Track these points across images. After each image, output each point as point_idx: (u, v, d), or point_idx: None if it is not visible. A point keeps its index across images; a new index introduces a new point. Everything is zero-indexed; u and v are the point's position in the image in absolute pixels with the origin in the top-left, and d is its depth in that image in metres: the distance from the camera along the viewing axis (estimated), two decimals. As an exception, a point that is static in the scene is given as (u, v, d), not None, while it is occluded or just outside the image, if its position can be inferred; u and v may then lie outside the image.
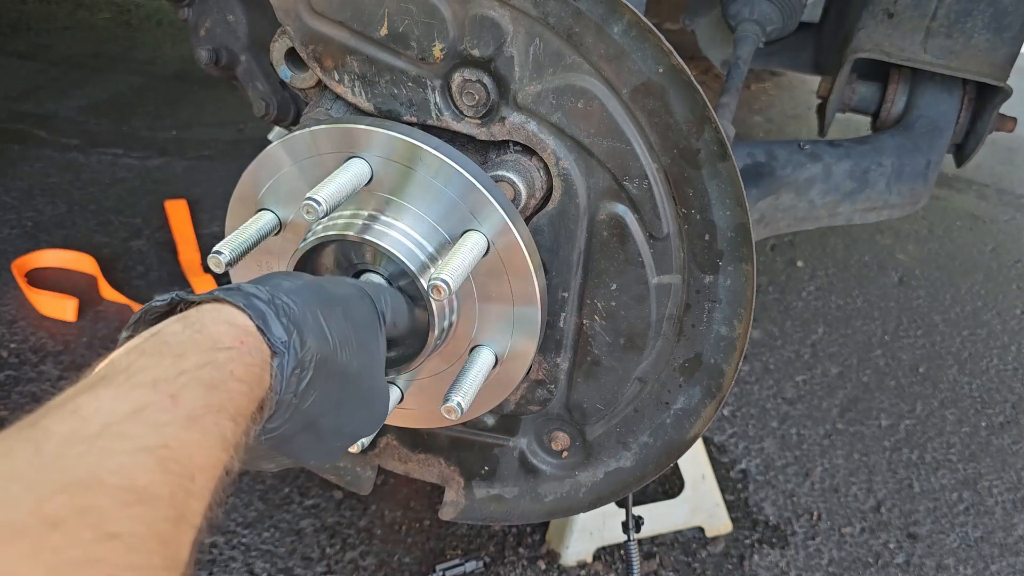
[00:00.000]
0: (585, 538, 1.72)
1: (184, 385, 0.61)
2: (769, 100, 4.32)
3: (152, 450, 0.54)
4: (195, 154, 3.14)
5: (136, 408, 0.57)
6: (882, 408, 2.30)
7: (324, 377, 0.77)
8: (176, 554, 0.52)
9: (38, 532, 0.45)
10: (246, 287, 0.74)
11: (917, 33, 1.66)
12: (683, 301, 1.10)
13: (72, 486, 0.49)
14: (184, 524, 0.54)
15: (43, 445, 0.51)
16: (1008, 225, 3.45)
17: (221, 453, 0.60)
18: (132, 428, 0.55)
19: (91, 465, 0.51)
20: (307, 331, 0.75)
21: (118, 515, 0.49)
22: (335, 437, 0.85)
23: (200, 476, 0.57)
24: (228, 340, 0.67)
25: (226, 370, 0.65)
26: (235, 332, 0.69)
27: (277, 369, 0.71)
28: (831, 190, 1.66)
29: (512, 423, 1.27)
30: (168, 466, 0.54)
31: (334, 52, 1.04)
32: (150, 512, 0.51)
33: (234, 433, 0.63)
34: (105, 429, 0.54)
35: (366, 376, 0.85)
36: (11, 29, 4.09)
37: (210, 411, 0.61)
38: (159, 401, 0.58)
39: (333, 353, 0.78)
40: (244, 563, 1.65)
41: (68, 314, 2.21)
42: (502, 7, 0.96)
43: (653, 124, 0.98)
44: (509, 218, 0.98)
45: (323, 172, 0.98)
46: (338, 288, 0.87)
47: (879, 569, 1.83)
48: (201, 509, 0.57)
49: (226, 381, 0.64)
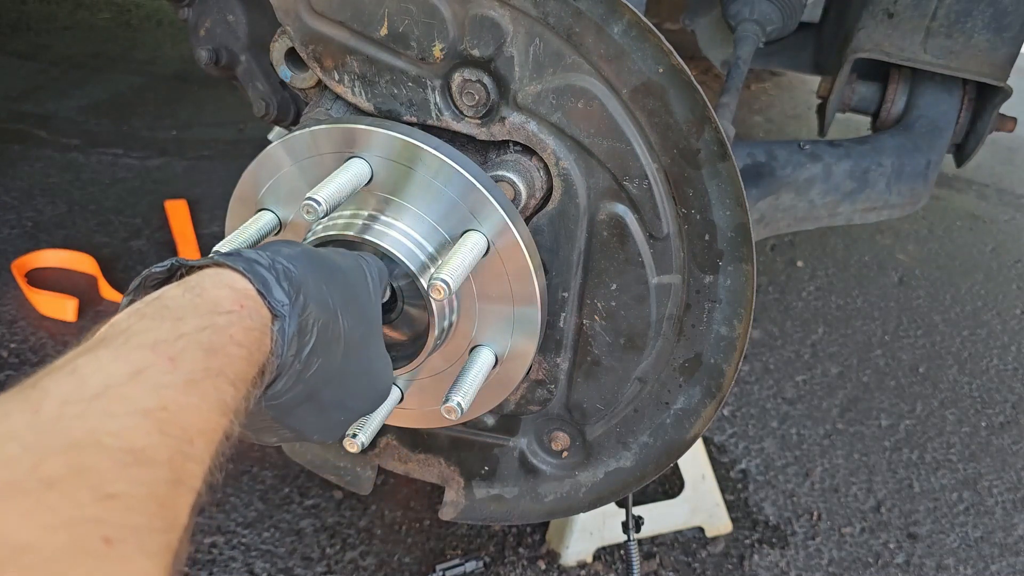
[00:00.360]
0: (585, 538, 1.72)
1: (183, 348, 0.60)
2: (769, 100, 4.32)
3: (151, 412, 0.54)
4: (195, 154, 3.14)
5: (135, 370, 0.56)
6: (882, 408, 2.30)
7: (326, 344, 0.77)
8: (174, 517, 0.52)
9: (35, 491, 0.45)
10: (247, 252, 0.74)
11: (917, 33, 1.66)
12: (683, 301, 1.10)
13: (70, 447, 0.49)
14: (182, 487, 0.54)
15: (42, 405, 0.51)
16: (1008, 225, 3.45)
17: (220, 417, 0.60)
18: (131, 390, 0.55)
19: (90, 426, 0.51)
20: (308, 295, 0.74)
21: (116, 476, 0.49)
22: (338, 410, 0.85)
23: (199, 440, 0.57)
24: (228, 304, 0.67)
25: (226, 334, 0.64)
26: (235, 296, 0.68)
27: (278, 333, 0.70)
28: (831, 190, 1.66)
29: (512, 423, 1.27)
30: (167, 429, 0.54)
31: (334, 52, 1.04)
32: (148, 474, 0.51)
33: (234, 398, 0.62)
34: (104, 390, 0.54)
35: (367, 347, 0.85)
36: (11, 29, 4.09)
37: (209, 375, 0.60)
38: (158, 363, 0.58)
39: (335, 319, 0.78)
40: (244, 563, 1.65)
41: (68, 314, 2.21)
42: (502, 7, 0.96)
43: (653, 124, 0.98)
44: (509, 218, 0.98)
45: (323, 172, 0.98)
46: (337, 257, 0.87)
47: (879, 569, 1.83)
48: (200, 473, 0.56)
49: (226, 345, 0.64)
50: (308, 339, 0.74)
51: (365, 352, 0.85)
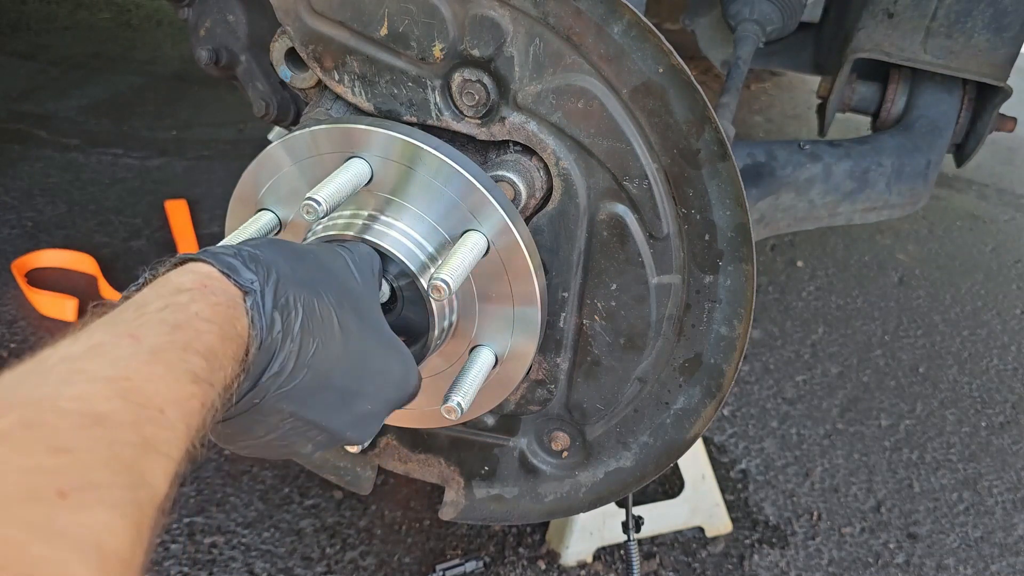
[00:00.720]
0: (585, 538, 1.72)
1: (144, 324, 0.60)
2: (769, 100, 4.32)
3: (112, 380, 0.54)
4: (195, 154, 3.14)
5: (94, 345, 0.56)
6: (882, 408, 2.30)
7: (319, 322, 0.76)
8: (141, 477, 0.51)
9: None
10: (211, 248, 0.75)
11: (917, 33, 1.65)
12: (683, 301, 1.10)
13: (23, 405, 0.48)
14: (151, 452, 0.53)
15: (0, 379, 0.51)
16: (1008, 225, 3.45)
17: (192, 386, 0.59)
18: (90, 363, 0.55)
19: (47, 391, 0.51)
20: (281, 274, 0.75)
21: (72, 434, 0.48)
22: (359, 399, 0.84)
23: (171, 409, 0.56)
24: (189, 283, 0.68)
25: (189, 310, 0.64)
26: (197, 278, 0.69)
27: (252, 308, 0.70)
28: (831, 190, 1.66)
29: (512, 423, 1.27)
30: (131, 396, 0.53)
31: (334, 52, 1.04)
32: (109, 435, 0.50)
33: (206, 369, 0.62)
34: (61, 363, 0.54)
35: (367, 325, 0.84)
36: (11, 29, 4.09)
37: (175, 347, 0.60)
38: (118, 340, 0.58)
39: (318, 296, 0.78)
40: (244, 563, 1.65)
41: (68, 314, 2.21)
42: (502, 7, 0.96)
43: (653, 124, 0.98)
44: (509, 218, 0.98)
45: (323, 172, 0.98)
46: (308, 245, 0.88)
47: (879, 569, 1.83)
48: (174, 440, 0.56)
49: (190, 320, 0.63)
50: (294, 315, 0.74)
51: (368, 331, 0.84)
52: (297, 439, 0.81)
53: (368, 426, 0.88)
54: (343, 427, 0.83)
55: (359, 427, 0.86)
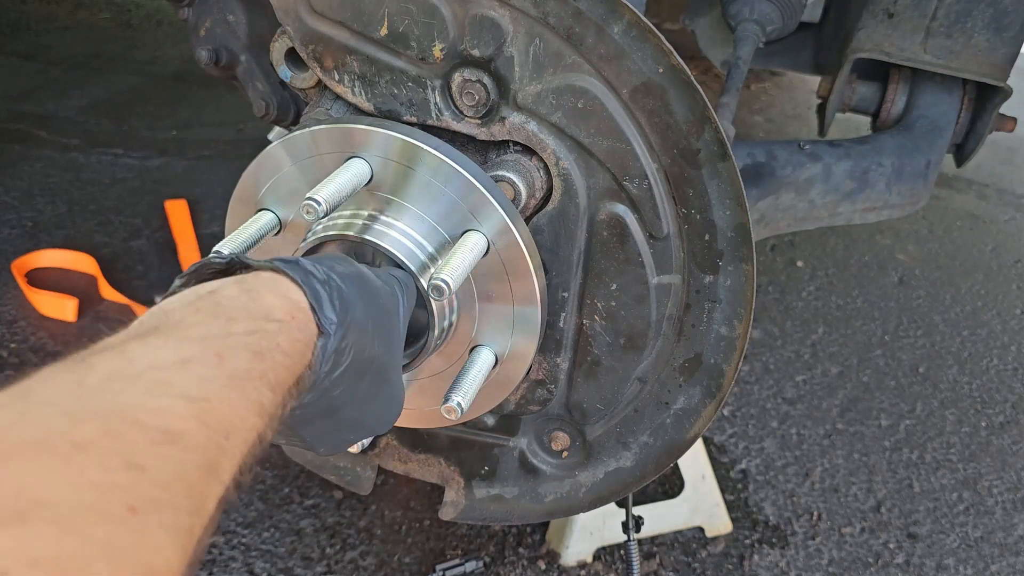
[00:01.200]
0: (585, 538, 1.72)
1: (231, 347, 0.61)
2: (769, 100, 4.32)
3: (193, 400, 0.54)
4: (195, 154, 3.14)
5: (183, 359, 0.57)
6: (882, 408, 2.30)
7: (359, 367, 0.78)
8: (203, 503, 0.52)
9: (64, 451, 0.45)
10: (305, 263, 0.75)
11: (917, 33, 1.66)
12: (683, 301, 1.10)
13: (106, 415, 0.49)
14: (214, 477, 0.54)
15: (86, 378, 0.52)
16: (1008, 225, 3.45)
17: (256, 419, 0.60)
18: (176, 376, 0.55)
19: (130, 401, 0.51)
20: (354, 318, 0.75)
21: (147, 450, 0.49)
22: (352, 430, 0.85)
23: (235, 436, 0.57)
24: (280, 312, 0.68)
25: (274, 341, 0.65)
26: (288, 306, 0.69)
27: (320, 350, 0.71)
28: (831, 190, 1.66)
29: (512, 423, 1.27)
30: (206, 419, 0.54)
31: (334, 52, 1.04)
32: (181, 455, 0.51)
33: (271, 403, 0.63)
34: (149, 371, 0.54)
35: (392, 372, 0.86)
36: (11, 29, 4.09)
37: (252, 376, 0.61)
38: (206, 357, 0.59)
39: (370, 344, 0.79)
40: (244, 563, 1.65)
41: (68, 314, 2.21)
42: (502, 7, 0.96)
43: (653, 124, 0.98)
44: (509, 218, 0.98)
45: (323, 172, 0.98)
46: (379, 281, 0.88)
47: (879, 569, 1.83)
48: (232, 469, 0.57)
49: (272, 351, 0.64)
50: (344, 359, 0.75)
51: (388, 379, 0.86)
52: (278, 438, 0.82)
53: (340, 447, 0.90)
54: (323, 445, 0.85)
55: (336, 448, 0.88)
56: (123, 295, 2.29)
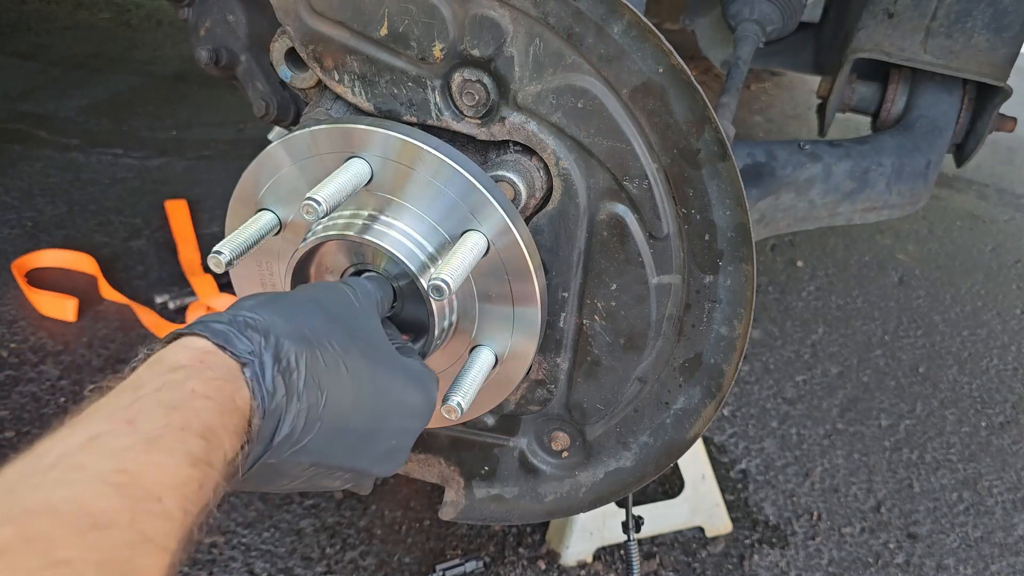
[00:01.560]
0: (585, 538, 1.72)
1: (141, 409, 0.60)
2: (769, 100, 4.32)
3: (107, 476, 0.53)
4: (195, 154, 3.14)
5: (90, 436, 0.56)
6: (882, 408, 2.30)
7: (324, 373, 0.76)
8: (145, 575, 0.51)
9: None
10: (206, 317, 0.74)
11: (917, 33, 1.65)
12: (683, 301, 1.10)
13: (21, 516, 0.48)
14: (149, 546, 0.53)
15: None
16: (1008, 225, 3.45)
17: (191, 470, 0.59)
18: (87, 457, 0.54)
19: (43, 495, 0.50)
20: (280, 334, 0.73)
21: (69, 542, 0.48)
22: (384, 435, 0.84)
23: (168, 496, 0.56)
24: (185, 361, 0.67)
25: (185, 388, 0.64)
26: (192, 354, 0.68)
27: (251, 379, 0.69)
28: (831, 190, 1.66)
29: (512, 423, 1.27)
30: (127, 491, 0.53)
31: (334, 52, 1.04)
32: (105, 537, 0.50)
33: (206, 449, 0.61)
34: (60, 460, 0.53)
35: (377, 362, 0.84)
36: (11, 29, 4.09)
37: (171, 429, 0.59)
38: (115, 428, 0.57)
39: (321, 347, 0.77)
40: (244, 563, 1.65)
41: (68, 314, 2.21)
42: (502, 7, 0.96)
43: (653, 124, 0.98)
44: (509, 218, 0.98)
45: (323, 172, 0.98)
46: (305, 290, 0.87)
47: (879, 569, 1.83)
48: (172, 530, 0.55)
49: (187, 399, 0.63)
50: (296, 375, 0.73)
51: (380, 369, 0.83)
52: (323, 479, 0.81)
53: (395, 458, 0.88)
54: (368, 465, 0.83)
55: (385, 462, 0.86)
56: (123, 295, 2.29)
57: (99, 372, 2.05)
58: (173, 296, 2.32)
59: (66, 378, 2.02)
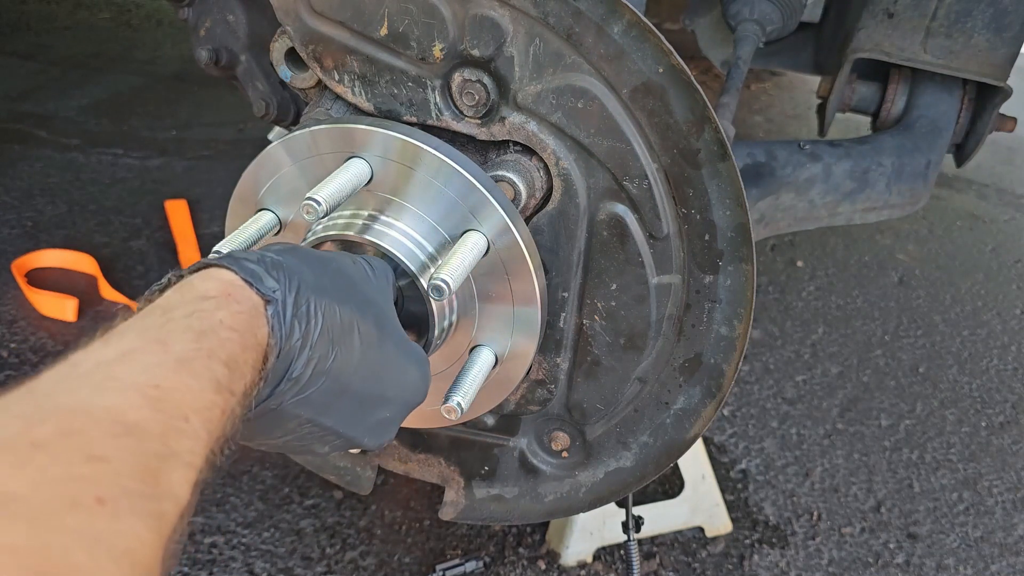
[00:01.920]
0: (585, 538, 1.72)
1: (172, 331, 0.62)
2: (769, 100, 4.32)
3: (142, 388, 0.55)
4: (195, 154, 3.14)
5: (125, 351, 0.58)
6: (882, 408, 2.30)
7: (339, 330, 0.77)
8: (168, 488, 0.52)
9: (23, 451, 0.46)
10: (236, 252, 0.76)
11: (917, 33, 1.65)
12: (683, 301, 1.10)
13: (59, 413, 0.50)
14: (176, 461, 0.54)
15: (36, 386, 0.53)
16: (1008, 225, 3.45)
17: (215, 395, 0.61)
18: (122, 369, 0.56)
19: (81, 399, 0.52)
20: (302, 280, 0.75)
21: (105, 442, 0.49)
22: (378, 405, 0.85)
23: (194, 417, 0.57)
24: (214, 292, 0.69)
25: (214, 317, 0.66)
26: (221, 285, 0.70)
27: (272, 316, 0.71)
28: (831, 190, 1.66)
29: (512, 423, 1.27)
30: (159, 405, 0.55)
31: (334, 52, 1.04)
32: (138, 444, 0.51)
33: (228, 378, 0.63)
34: (95, 369, 0.55)
35: (386, 333, 0.85)
36: (11, 29, 4.09)
37: (200, 355, 0.61)
38: (148, 346, 0.60)
39: (339, 303, 0.78)
40: (244, 563, 1.65)
41: (68, 314, 2.21)
42: (502, 7, 0.96)
43: (653, 124, 0.98)
44: (509, 218, 0.98)
45: (323, 172, 0.98)
46: (328, 252, 0.88)
47: (879, 569, 1.83)
48: (198, 449, 0.57)
49: (215, 328, 0.65)
50: (313, 323, 0.74)
51: (387, 340, 0.85)
52: (314, 442, 0.82)
53: (385, 432, 0.89)
54: (360, 434, 0.84)
55: (375, 433, 0.87)
56: (123, 295, 2.29)
57: (99, 372, 2.05)
58: (173, 296, 2.32)
59: (66, 378, 2.01)
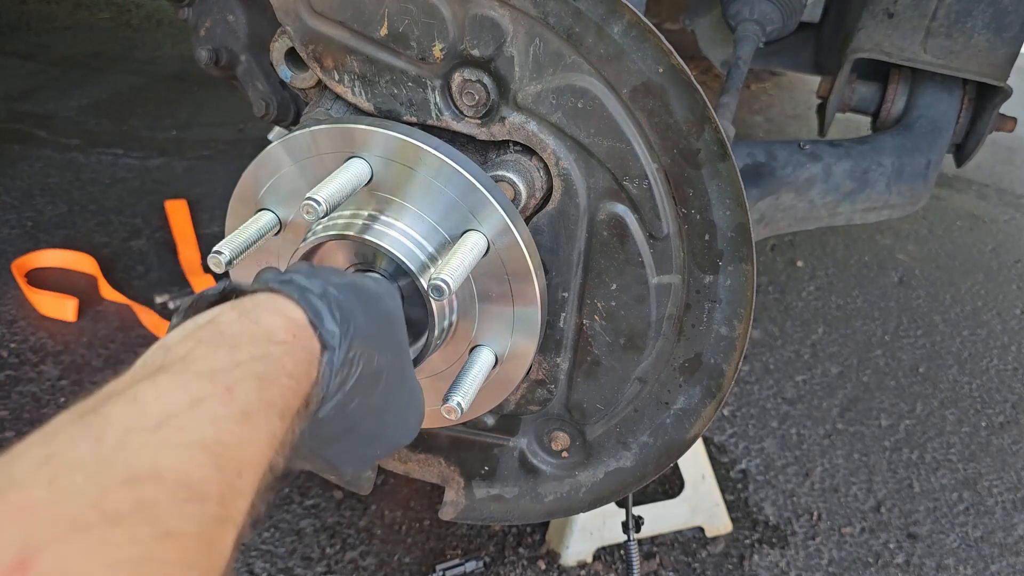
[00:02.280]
0: (585, 538, 1.72)
1: (239, 378, 0.60)
2: (769, 100, 4.32)
3: (208, 445, 0.54)
4: (195, 154, 3.14)
5: (194, 399, 0.56)
6: (882, 408, 2.30)
7: (369, 377, 0.76)
8: (221, 554, 0.52)
9: (100, 527, 0.45)
10: (299, 279, 0.73)
11: (917, 33, 1.65)
12: (683, 301, 1.10)
13: (132, 480, 0.49)
14: (229, 524, 0.54)
15: (104, 434, 0.51)
16: (1008, 225, 3.45)
17: (268, 450, 0.60)
18: (190, 421, 0.55)
19: (150, 458, 0.51)
20: (355, 327, 0.74)
21: (173, 512, 0.49)
22: (375, 444, 0.85)
23: (248, 473, 0.57)
24: (281, 333, 0.67)
25: (279, 365, 0.64)
26: (288, 325, 0.68)
27: (326, 365, 0.70)
28: (831, 190, 1.66)
29: (512, 423, 1.27)
30: (221, 463, 0.54)
31: (334, 52, 1.04)
32: (201, 510, 0.51)
33: (281, 430, 0.62)
34: (165, 420, 0.54)
35: (403, 378, 0.85)
36: (11, 29, 4.09)
37: (263, 407, 0.60)
38: (217, 394, 0.58)
39: (378, 351, 0.77)
40: (244, 563, 1.65)
41: (68, 314, 2.21)
42: (502, 7, 0.96)
43: (653, 124, 0.98)
44: (509, 218, 0.98)
45: (323, 172, 0.98)
46: (375, 286, 0.87)
47: (879, 569, 1.83)
48: (245, 507, 0.56)
49: (278, 376, 0.63)
50: (353, 371, 0.73)
51: (402, 384, 0.85)
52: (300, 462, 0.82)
53: (367, 464, 0.89)
54: (346, 464, 0.84)
55: (360, 464, 0.87)
56: (123, 295, 2.29)
57: (99, 372, 2.05)
58: (173, 296, 2.32)
59: (66, 378, 2.02)
